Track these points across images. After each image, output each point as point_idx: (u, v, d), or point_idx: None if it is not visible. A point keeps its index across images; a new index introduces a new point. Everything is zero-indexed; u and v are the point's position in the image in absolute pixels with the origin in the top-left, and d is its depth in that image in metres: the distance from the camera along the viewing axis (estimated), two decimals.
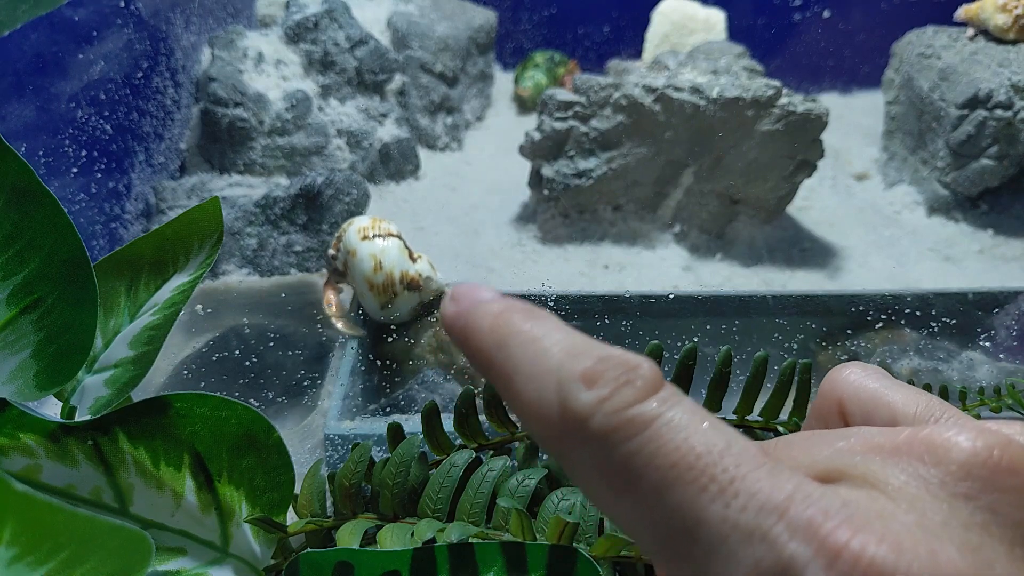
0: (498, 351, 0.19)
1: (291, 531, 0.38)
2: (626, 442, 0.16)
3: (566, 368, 0.17)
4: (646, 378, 0.17)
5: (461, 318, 0.20)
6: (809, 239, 1.08)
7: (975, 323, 0.83)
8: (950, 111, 1.08)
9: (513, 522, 0.37)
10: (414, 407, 0.71)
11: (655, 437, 0.16)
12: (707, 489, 0.15)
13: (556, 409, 0.17)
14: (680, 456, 0.16)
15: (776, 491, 0.15)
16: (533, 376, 0.18)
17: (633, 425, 0.16)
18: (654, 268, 1.01)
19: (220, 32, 1.15)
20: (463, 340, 0.20)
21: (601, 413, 0.16)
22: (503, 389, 0.19)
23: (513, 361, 0.18)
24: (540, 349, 0.18)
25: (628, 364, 0.17)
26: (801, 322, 0.84)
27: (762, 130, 0.99)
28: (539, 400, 0.18)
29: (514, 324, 0.19)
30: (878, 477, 0.17)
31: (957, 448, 0.17)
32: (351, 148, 1.13)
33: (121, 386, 0.37)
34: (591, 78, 1.02)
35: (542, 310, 0.20)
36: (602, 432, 0.16)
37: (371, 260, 0.74)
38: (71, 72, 0.84)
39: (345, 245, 0.77)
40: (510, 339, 0.19)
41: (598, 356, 0.17)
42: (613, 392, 0.17)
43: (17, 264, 0.33)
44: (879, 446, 0.18)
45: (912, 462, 0.17)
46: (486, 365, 0.19)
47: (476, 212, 1.12)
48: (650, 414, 0.16)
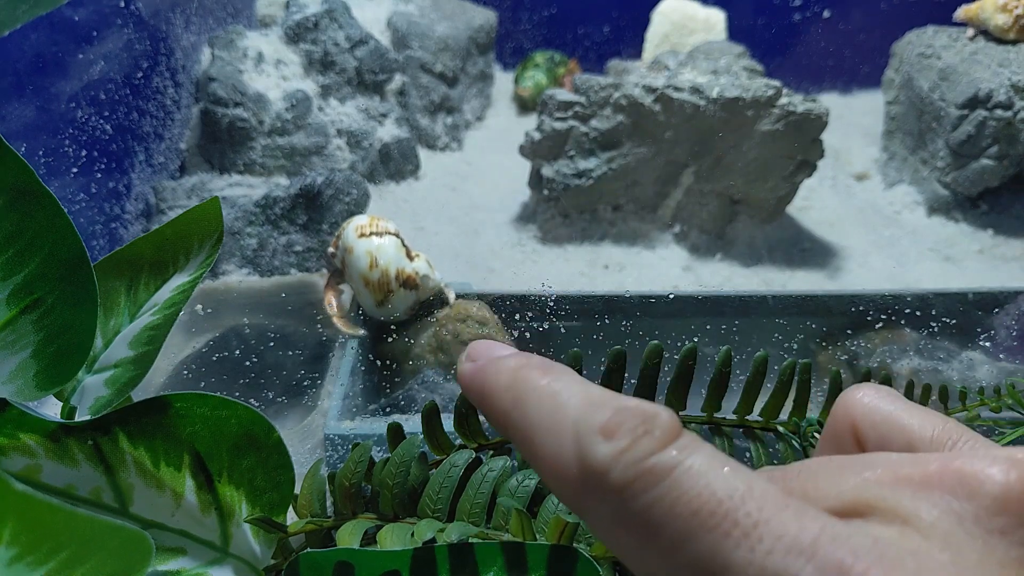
0: (515, 409, 0.19)
1: (291, 531, 0.38)
2: (646, 492, 0.16)
3: (584, 422, 0.17)
4: (664, 427, 0.17)
5: (478, 377, 0.20)
6: (809, 239, 1.08)
7: (975, 323, 0.83)
8: (950, 111, 1.08)
9: (513, 522, 0.37)
10: (414, 407, 0.71)
11: (675, 486, 0.16)
12: (730, 535, 0.15)
13: (575, 464, 0.17)
14: (702, 503, 0.16)
15: (803, 532, 0.15)
16: (551, 432, 0.18)
17: (653, 475, 0.16)
18: (654, 268, 1.01)
19: (220, 32, 1.15)
20: (481, 400, 0.20)
21: (620, 465, 0.16)
22: (523, 447, 0.19)
23: (531, 418, 0.18)
24: (558, 404, 0.18)
25: (646, 414, 0.17)
26: (801, 322, 0.84)
27: (762, 130, 0.99)
28: (557, 455, 0.17)
29: (531, 380, 0.19)
30: (909, 511, 0.16)
31: (990, 481, 0.16)
32: (351, 148, 1.13)
33: (121, 386, 0.37)
34: (591, 78, 1.02)
35: (558, 364, 0.19)
36: (622, 484, 0.16)
37: (367, 257, 0.75)
38: (71, 72, 0.84)
39: (343, 243, 0.77)
40: (527, 396, 0.19)
41: (615, 407, 0.17)
42: (632, 443, 0.16)
43: (17, 264, 0.33)
44: (908, 478, 0.17)
45: (944, 496, 0.16)
46: (504, 424, 0.19)
47: (476, 212, 1.12)
48: (669, 463, 0.16)
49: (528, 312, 0.80)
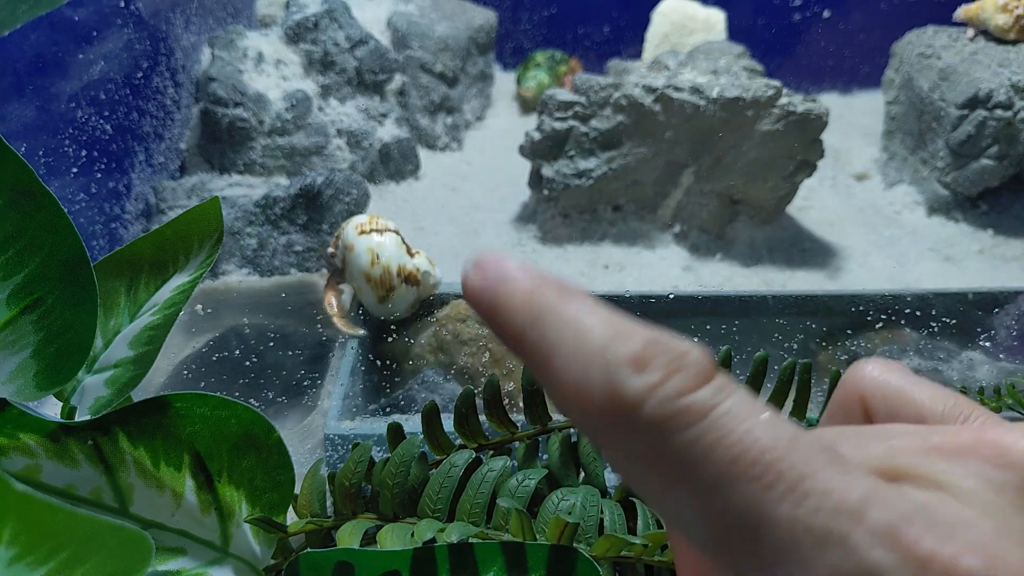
0: (532, 328, 0.17)
1: (291, 531, 0.38)
2: (683, 431, 0.15)
3: (612, 351, 0.16)
4: (699, 364, 0.16)
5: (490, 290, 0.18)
6: (809, 239, 1.08)
7: (975, 323, 0.83)
8: (950, 111, 1.08)
9: (513, 522, 0.37)
10: (414, 407, 0.71)
11: (714, 427, 0.15)
12: (774, 487, 0.14)
13: (603, 394, 0.16)
14: (743, 449, 0.15)
15: (851, 492, 0.14)
16: (575, 358, 0.17)
17: (689, 413, 0.15)
18: (654, 268, 1.01)
19: (220, 32, 1.15)
20: (491, 314, 0.18)
21: (654, 400, 0.15)
22: (539, 369, 0.17)
23: (550, 340, 0.17)
24: (581, 329, 0.17)
25: (678, 349, 0.16)
26: (801, 322, 0.84)
27: (762, 130, 0.99)
28: (583, 383, 0.16)
29: (549, 300, 0.17)
30: (945, 479, 0.16)
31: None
32: (351, 148, 1.13)
33: (121, 386, 0.37)
34: (591, 78, 1.02)
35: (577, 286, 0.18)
36: (656, 420, 0.15)
37: (368, 254, 0.75)
38: (71, 72, 0.84)
39: (343, 241, 0.77)
40: (546, 316, 0.17)
41: (646, 339, 0.16)
42: (665, 378, 0.16)
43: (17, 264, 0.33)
44: (940, 446, 0.17)
45: (980, 464, 0.16)
46: (519, 343, 0.18)
47: (476, 212, 1.12)
48: (707, 403, 0.15)
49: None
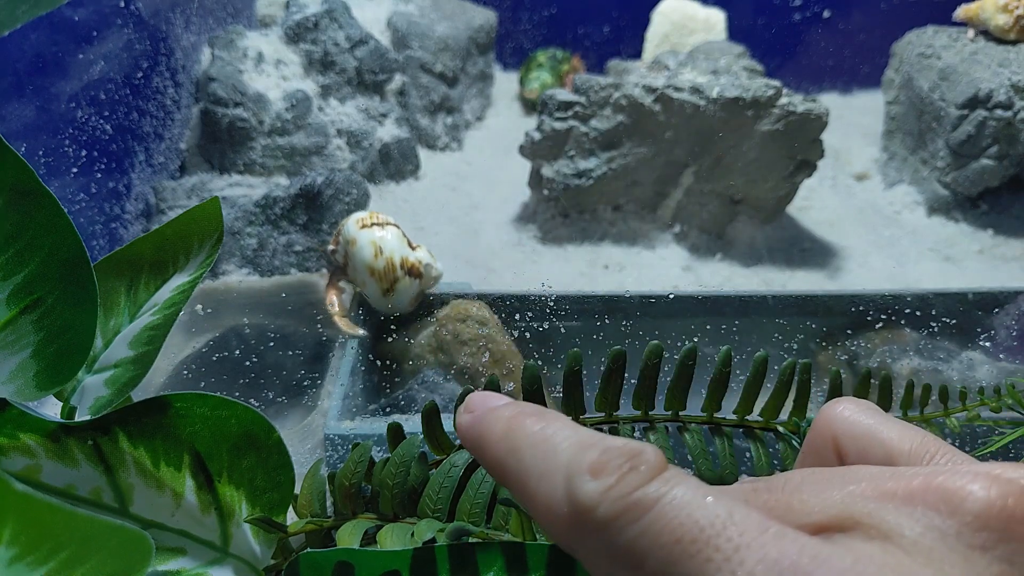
0: (510, 457, 0.19)
1: (291, 531, 0.38)
2: (632, 524, 0.16)
3: (574, 463, 0.18)
4: (650, 463, 0.17)
5: (475, 427, 0.21)
6: (809, 239, 1.08)
7: (975, 323, 0.83)
8: (950, 111, 1.08)
9: (513, 522, 0.37)
10: (414, 407, 0.71)
11: (659, 517, 0.16)
12: (712, 559, 0.15)
13: (566, 503, 0.18)
14: (684, 531, 0.16)
15: (783, 555, 0.15)
16: (544, 475, 0.18)
17: (638, 508, 0.17)
18: (654, 268, 1.01)
19: (220, 32, 1.15)
20: (478, 449, 0.21)
21: (608, 500, 0.17)
22: (518, 492, 0.19)
23: (525, 463, 0.19)
24: (550, 448, 0.19)
25: (632, 451, 0.17)
26: (801, 322, 0.84)
27: (762, 130, 0.99)
28: (550, 497, 0.18)
29: (525, 427, 0.20)
30: (892, 528, 0.16)
31: (972, 498, 0.16)
32: (351, 148, 1.13)
33: (121, 386, 0.37)
34: (591, 78, 1.02)
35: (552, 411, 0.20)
36: (609, 518, 0.17)
37: (371, 247, 0.75)
38: (71, 72, 0.84)
39: (344, 236, 0.77)
40: (521, 442, 0.19)
41: (603, 447, 0.18)
42: (619, 480, 0.17)
43: (17, 264, 0.33)
44: (892, 492, 0.17)
45: (927, 511, 0.17)
46: (502, 471, 0.20)
47: (476, 212, 1.12)
48: (654, 495, 0.17)
49: (528, 312, 0.80)
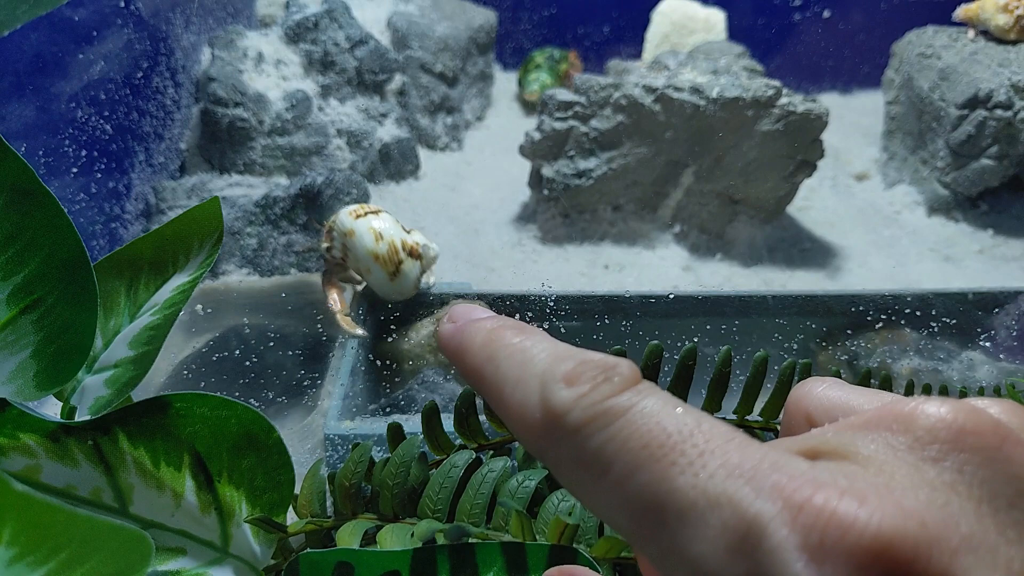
0: (488, 364, 0.20)
1: (291, 531, 0.38)
2: (601, 431, 0.17)
3: (549, 371, 0.18)
4: (624, 375, 0.18)
5: (456, 336, 0.21)
6: (809, 239, 1.08)
7: (975, 323, 0.83)
8: (950, 111, 1.08)
9: (513, 523, 0.37)
10: (414, 407, 0.71)
11: (628, 424, 0.17)
12: (676, 463, 0.16)
13: (539, 409, 0.18)
14: (652, 437, 0.16)
15: (744, 460, 0.16)
16: (520, 382, 0.19)
17: (608, 415, 0.17)
18: (654, 268, 1.01)
19: (220, 32, 1.15)
20: (458, 357, 0.21)
21: (579, 407, 0.17)
22: (494, 401, 0.20)
23: (502, 372, 0.19)
24: (527, 358, 0.19)
25: (608, 364, 0.18)
26: (801, 322, 0.84)
27: (762, 130, 0.99)
28: (523, 404, 0.19)
29: (505, 338, 0.20)
30: (848, 449, 0.17)
31: (924, 415, 0.17)
32: (351, 148, 1.13)
33: (121, 386, 0.37)
34: (591, 78, 1.02)
35: (532, 327, 0.21)
36: (579, 424, 0.17)
37: (371, 233, 0.76)
38: (71, 72, 0.84)
39: (339, 229, 0.77)
40: (500, 352, 0.20)
41: (579, 359, 0.18)
42: (592, 389, 0.18)
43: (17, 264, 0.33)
44: (851, 423, 0.18)
45: (882, 432, 0.17)
46: (478, 379, 0.20)
47: (476, 212, 1.12)
48: (625, 404, 0.17)
49: (528, 312, 0.80)
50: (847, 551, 0.14)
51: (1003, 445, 0.16)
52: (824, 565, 0.14)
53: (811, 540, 0.14)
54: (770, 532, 0.15)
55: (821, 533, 0.14)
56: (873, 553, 0.14)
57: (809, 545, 0.14)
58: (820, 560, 0.14)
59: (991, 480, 0.16)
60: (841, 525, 0.14)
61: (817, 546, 0.14)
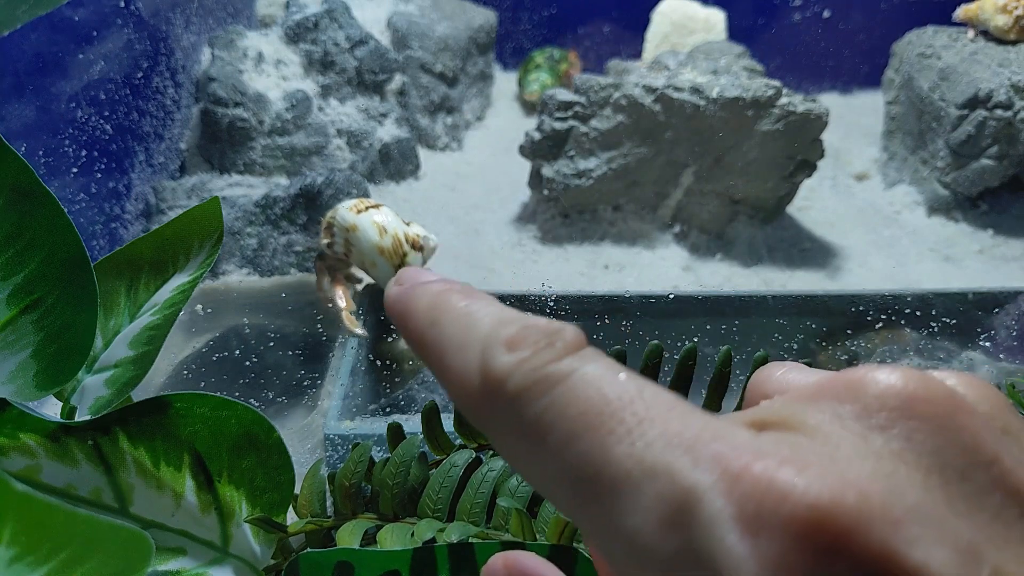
0: (431, 328, 0.19)
1: (291, 531, 0.38)
2: (540, 398, 0.16)
3: (491, 336, 0.17)
4: (567, 340, 0.17)
5: (402, 299, 0.20)
6: (809, 239, 1.08)
7: (975, 323, 0.83)
8: (950, 111, 1.08)
9: (513, 522, 0.37)
10: (414, 407, 0.71)
11: (567, 391, 0.16)
12: (614, 432, 0.15)
13: (478, 375, 0.17)
14: (591, 405, 0.16)
15: (685, 429, 0.15)
16: (460, 347, 0.18)
17: (548, 381, 0.16)
18: (654, 268, 1.01)
19: (220, 32, 1.15)
20: (402, 321, 0.20)
21: (519, 373, 0.17)
22: (435, 368, 0.19)
23: (445, 336, 0.19)
24: (471, 322, 0.18)
25: (552, 329, 0.17)
26: (801, 322, 0.84)
27: (762, 130, 0.99)
28: (463, 369, 0.18)
29: (450, 302, 0.19)
30: (796, 419, 0.16)
31: (873, 382, 0.16)
32: (351, 148, 1.13)
33: (121, 386, 0.37)
34: (591, 78, 1.02)
35: (481, 291, 0.20)
36: (518, 390, 0.16)
37: (374, 227, 0.75)
38: (71, 72, 0.84)
39: (340, 224, 0.77)
40: (444, 316, 0.19)
41: (524, 324, 0.18)
42: (533, 353, 0.17)
43: (17, 264, 0.33)
44: (800, 394, 0.18)
45: (830, 402, 0.17)
46: (420, 344, 0.19)
47: (476, 212, 1.12)
48: (565, 370, 0.16)
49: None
50: (783, 522, 0.13)
51: (956, 414, 0.16)
52: (759, 537, 0.13)
53: (747, 510, 0.14)
54: (706, 503, 0.14)
55: (757, 503, 0.14)
56: (810, 524, 0.13)
57: (744, 516, 0.14)
58: (755, 531, 0.13)
59: (941, 450, 0.15)
60: (778, 494, 0.14)
61: (753, 517, 0.14)
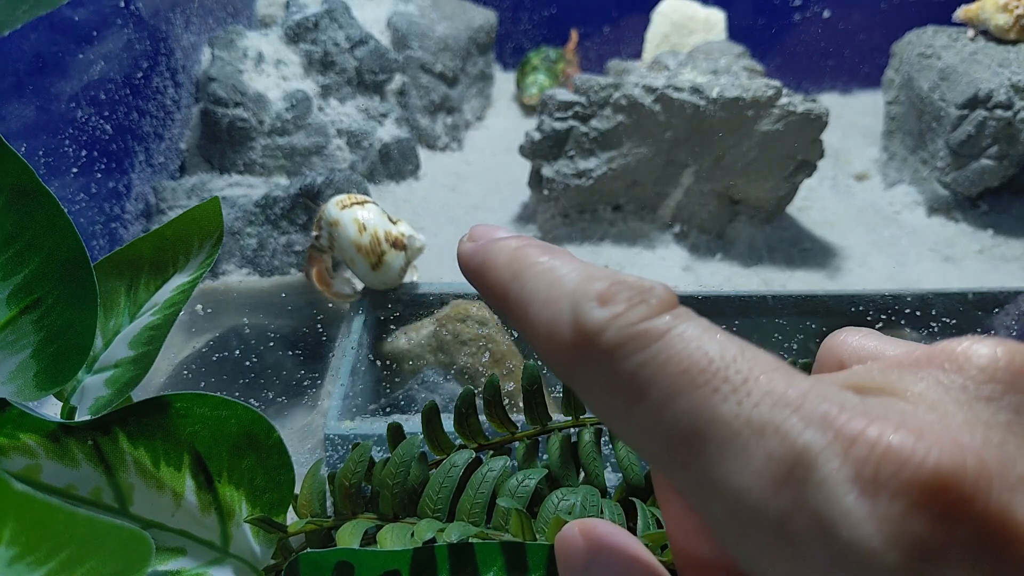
0: (514, 282, 0.19)
1: (291, 531, 0.38)
2: (637, 353, 0.16)
3: (581, 291, 0.17)
4: (660, 297, 0.17)
5: (479, 254, 0.20)
6: (809, 239, 1.08)
7: (975, 323, 0.83)
8: (950, 111, 1.08)
9: (513, 522, 0.37)
10: (414, 407, 0.71)
11: (666, 347, 0.16)
12: (719, 390, 0.15)
13: (570, 329, 0.17)
14: (692, 362, 0.16)
15: (791, 388, 0.15)
16: (548, 302, 0.18)
17: (645, 337, 0.16)
18: (654, 268, 1.01)
19: (220, 32, 1.15)
20: (479, 275, 0.20)
21: (613, 328, 0.16)
22: (519, 321, 0.19)
23: (528, 290, 0.18)
24: (556, 277, 0.18)
25: (643, 287, 0.17)
26: (801, 322, 0.84)
27: (762, 130, 0.99)
28: (552, 323, 0.17)
29: (531, 256, 0.19)
30: (897, 386, 0.16)
31: (977, 355, 0.17)
32: (351, 148, 1.13)
33: (121, 386, 0.37)
34: (591, 78, 1.02)
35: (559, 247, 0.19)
36: (613, 345, 0.16)
37: (354, 224, 0.77)
38: (71, 72, 0.84)
39: (326, 219, 0.79)
40: (526, 270, 0.19)
41: (613, 279, 0.17)
42: (627, 309, 0.17)
43: (17, 264, 0.33)
44: (898, 361, 0.18)
45: (932, 371, 0.17)
46: (502, 298, 0.19)
47: (476, 212, 1.12)
48: (663, 327, 0.16)
49: None
50: (903, 485, 0.13)
51: None
52: (878, 498, 0.14)
53: (864, 473, 0.14)
54: (820, 463, 0.14)
55: (875, 466, 0.14)
56: (931, 489, 0.13)
57: (862, 478, 0.14)
58: (874, 493, 0.14)
59: None
60: (897, 459, 0.14)
61: (871, 479, 0.14)
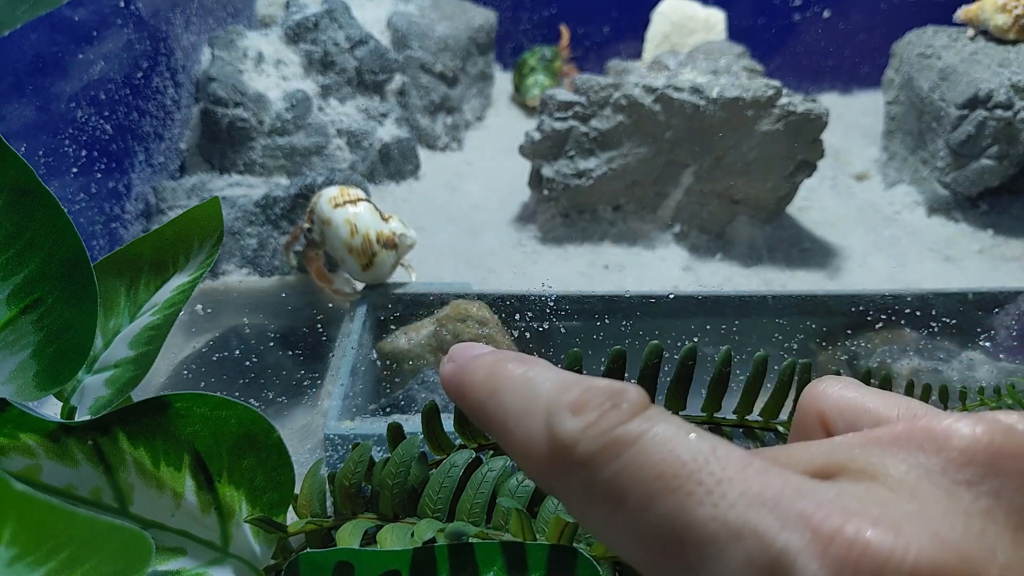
0: (490, 400, 0.19)
1: (291, 531, 0.38)
2: (612, 461, 0.16)
3: (554, 401, 0.17)
4: (632, 401, 0.17)
5: (457, 374, 0.20)
6: (809, 239, 1.08)
7: (975, 323, 0.83)
8: (950, 111, 1.08)
9: (513, 522, 0.37)
10: (414, 407, 0.71)
11: (640, 452, 0.16)
12: (694, 493, 0.15)
13: (546, 441, 0.17)
14: (666, 466, 0.16)
15: (767, 488, 0.15)
16: (524, 414, 0.18)
17: (619, 444, 0.16)
18: (654, 268, 1.01)
19: (220, 32, 1.15)
20: (460, 396, 0.20)
21: (587, 437, 0.17)
22: (498, 435, 0.19)
23: (505, 405, 0.19)
24: (531, 389, 0.18)
25: (613, 390, 0.17)
26: (801, 322, 0.84)
27: (762, 130, 0.99)
28: (528, 437, 0.18)
29: (506, 371, 0.19)
30: (877, 469, 0.16)
31: (957, 435, 0.16)
32: (351, 148, 1.13)
33: (121, 386, 0.37)
34: (591, 78, 1.02)
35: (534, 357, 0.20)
36: (589, 455, 0.16)
37: (346, 225, 0.77)
38: (71, 72, 0.84)
39: (318, 216, 0.79)
40: (502, 385, 0.19)
41: (585, 386, 0.17)
42: (599, 417, 0.17)
43: (17, 264, 0.33)
44: (877, 438, 0.17)
45: (912, 451, 0.16)
46: (482, 415, 0.19)
47: (476, 212, 1.12)
48: (635, 432, 0.16)
49: (528, 312, 0.80)
50: None
51: None
52: None
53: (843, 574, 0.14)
54: (799, 565, 0.14)
55: (854, 567, 0.14)
56: None
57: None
58: None
59: None
60: (876, 558, 0.14)
61: None
